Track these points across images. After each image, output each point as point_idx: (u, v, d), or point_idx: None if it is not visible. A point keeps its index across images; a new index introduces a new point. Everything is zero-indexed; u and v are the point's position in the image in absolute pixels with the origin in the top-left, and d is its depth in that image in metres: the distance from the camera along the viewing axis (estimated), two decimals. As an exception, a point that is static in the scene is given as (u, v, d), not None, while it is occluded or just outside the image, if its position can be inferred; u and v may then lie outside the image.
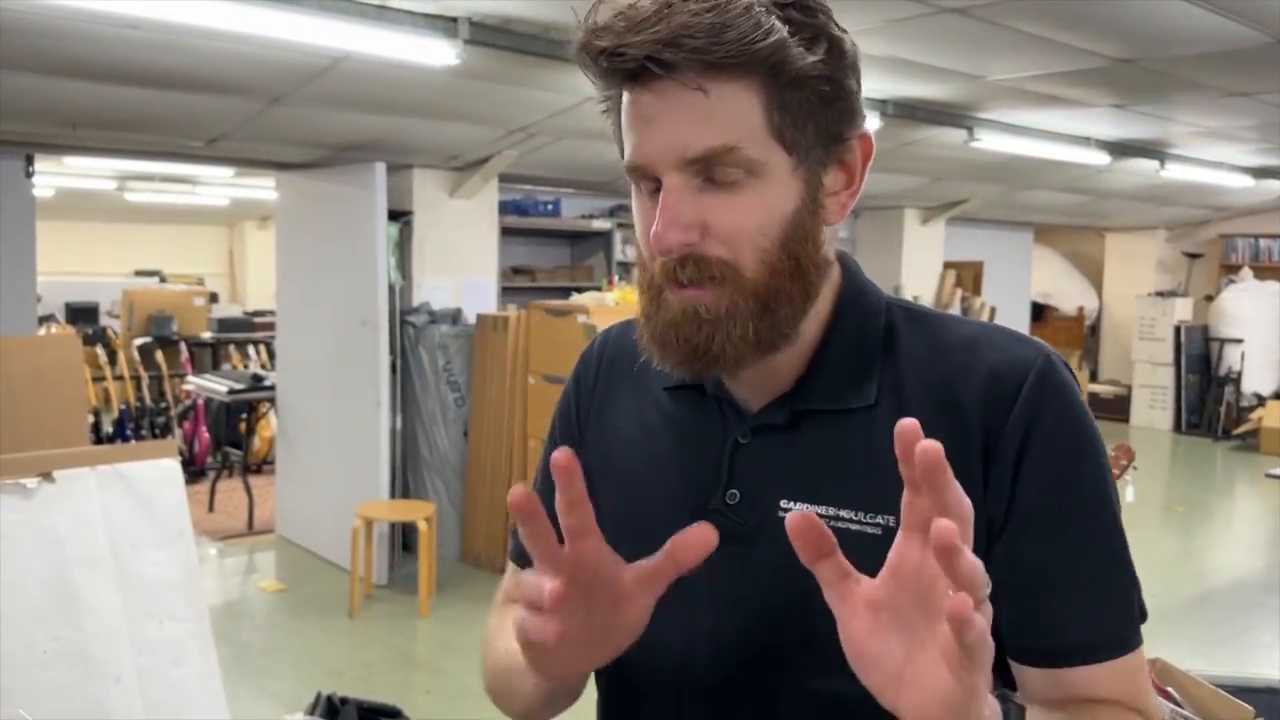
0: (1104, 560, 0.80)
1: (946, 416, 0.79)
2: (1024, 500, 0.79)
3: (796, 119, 0.75)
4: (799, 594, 0.75)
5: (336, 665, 4.28)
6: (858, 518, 0.79)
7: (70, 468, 3.07)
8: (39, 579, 2.89)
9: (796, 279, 0.78)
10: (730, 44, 0.71)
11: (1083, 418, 0.81)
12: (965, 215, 8.87)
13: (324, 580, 5.27)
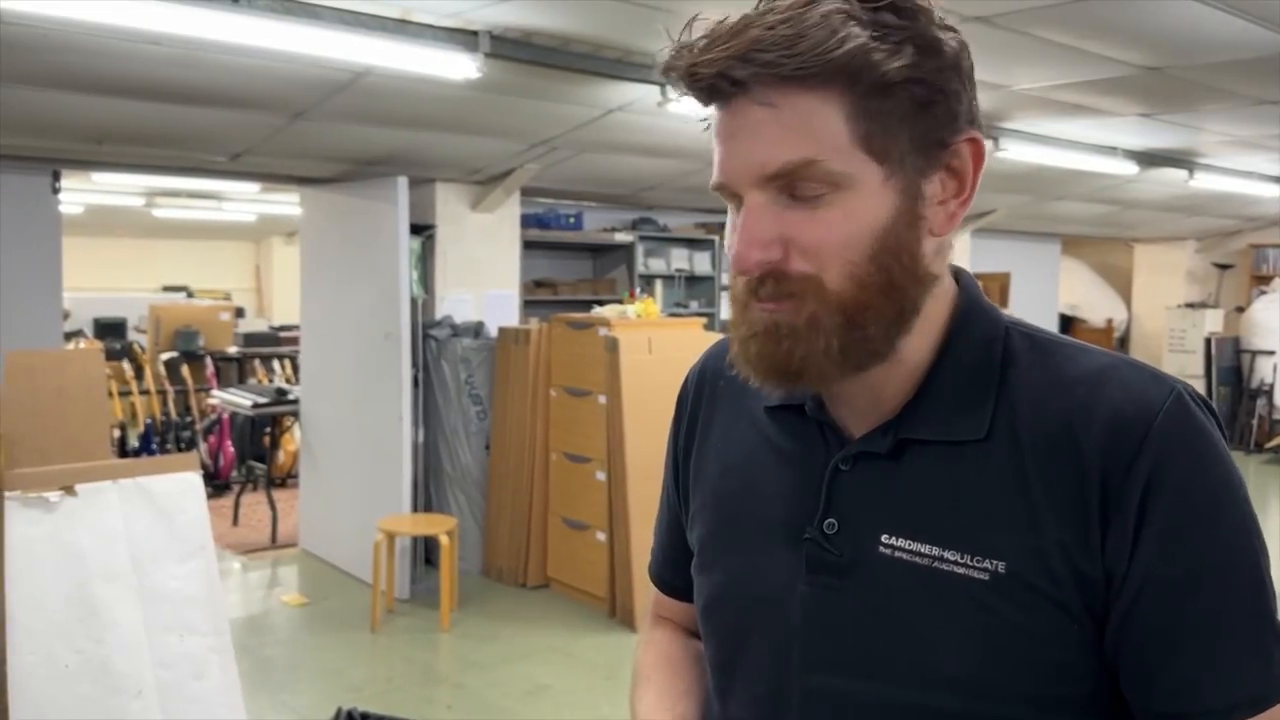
0: (1236, 619, 0.73)
1: (1063, 459, 0.74)
2: (1145, 561, 0.73)
3: (886, 127, 0.72)
4: (896, 632, 0.75)
5: (357, 680, 4.26)
6: (963, 560, 0.74)
7: (92, 481, 3.07)
8: (61, 593, 2.90)
9: (889, 294, 0.74)
10: (803, 55, 0.69)
11: (1217, 466, 0.74)
12: (992, 226, 8.80)
13: (346, 594, 5.26)
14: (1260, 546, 0.74)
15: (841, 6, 0.70)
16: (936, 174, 0.75)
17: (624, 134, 4.97)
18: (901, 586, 0.76)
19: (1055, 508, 0.73)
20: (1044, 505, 0.73)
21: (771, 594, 0.82)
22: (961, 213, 0.76)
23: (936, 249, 0.77)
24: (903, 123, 0.72)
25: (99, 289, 10.98)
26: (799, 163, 0.71)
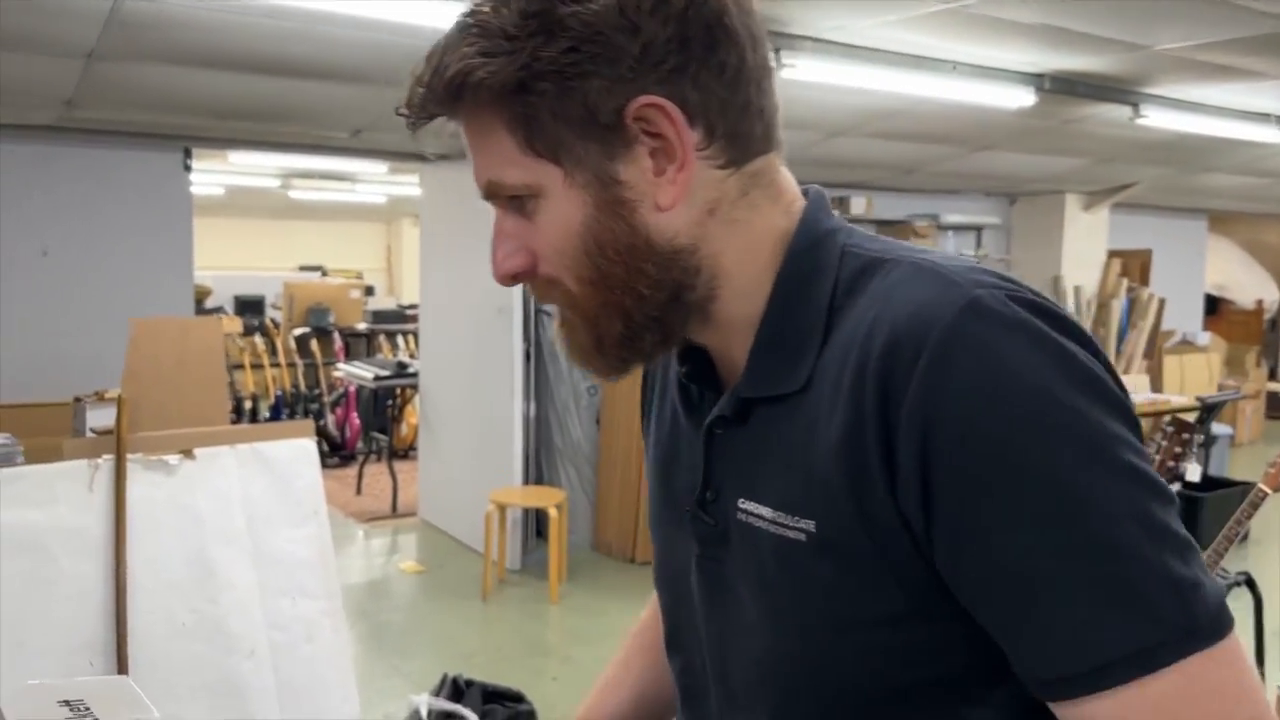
0: (1086, 561, 0.60)
1: (856, 398, 0.65)
2: (946, 510, 0.62)
3: (541, 128, 0.69)
4: (761, 603, 0.73)
5: (468, 648, 4.32)
6: (790, 521, 0.69)
7: (210, 446, 3.17)
8: (179, 554, 3.00)
9: (617, 287, 0.71)
10: (437, 90, 0.69)
11: (1018, 386, 0.60)
12: (1132, 201, 8.37)
13: (461, 563, 5.35)
14: (1107, 475, 0.60)
15: (470, 21, 0.69)
16: (630, 151, 0.69)
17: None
18: (758, 553, 0.72)
19: (851, 455, 0.65)
20: (843, 454, 0.65)
21: (682, 568, 0.81)
22: (684, 178, 0.69)
23: (700, 216, 0.71)
24: (556, 118, 0.68)
25: (239, 268, 11.45)
26: (491, 183, 0.72)
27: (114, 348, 3.26)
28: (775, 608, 0.72)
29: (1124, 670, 0.59)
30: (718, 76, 0.69)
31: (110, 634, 2.85)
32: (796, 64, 3.97)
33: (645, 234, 0.70)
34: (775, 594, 0.71)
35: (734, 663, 0.77)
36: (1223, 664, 0.59)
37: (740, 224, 0.72)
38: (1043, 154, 6.52)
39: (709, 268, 0.72)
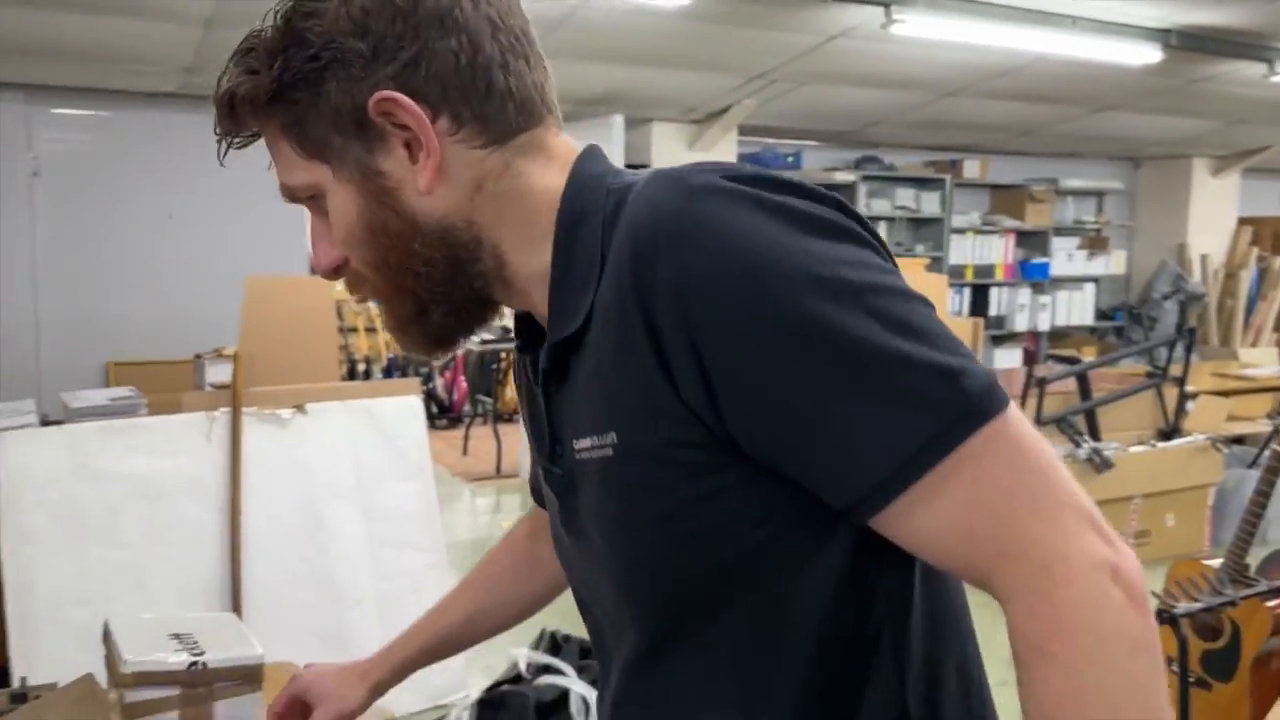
0: (852, 379, 0.63)
1: (620, 313, 0.69)
2: (722, 381, 0.66)
3: (305, 132, 0.75)
4: (599, 532, 0.76)
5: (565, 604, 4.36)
6: (600, 443, 0.74)
7: (321, 401, 3.27)
8: (291, 504, 3.11)
9: (401, 268, 0.77)
10: (221, 100, 0.76)
11: (747, 240, 0.65)
12: (1264, 165, 7.94)
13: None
14: (852, 297, 0.64)
15: (245, 45, 0.75)
16: (385, 143, 0.75)
17: (846, 63, 4.77)
18: (592, 486, 0.76)
19: (629, 364, 0.69)
20: (623, 365, 0.70)
21: (556, 527, 0.86)
22: (433, 163, 0.74)
23: (466, 193, 0.76)
24: (316, 121, 0.74)
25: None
26: (284, 187, 0.78)
27: (232, 308, 3.39)
28: (610, 530, 0.75)
29: (917, 465, 0.62)
30: (453, 67, 0.73)
31: (225, 578, 2.98)
32: (907, 19, 3.86)
33: (412, 217, 0.75)
34: (607, 515, 0.75)
35: (605, 597, 0.81)
36: (1006, 436, 0.63)
37: (510, 194, 0.77)
38: (1169, 115, 6.23)
39: (489, 238, 0.77)
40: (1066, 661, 0.60)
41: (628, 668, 0.79)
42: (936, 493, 0.62)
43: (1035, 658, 0.61)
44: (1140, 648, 0.60)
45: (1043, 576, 0.61)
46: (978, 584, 0.64)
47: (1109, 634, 0.60)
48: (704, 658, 0.73)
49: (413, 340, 0.81)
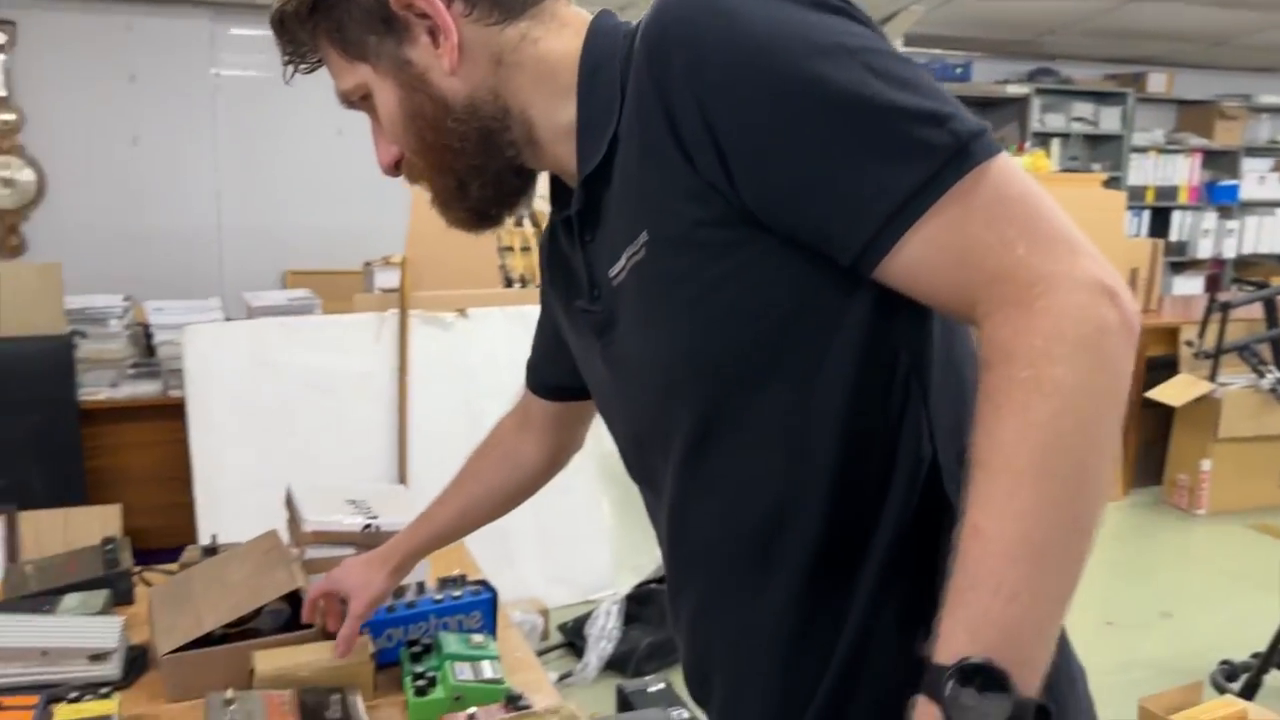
0: (850, 132, 0.67)
1: (640, 116, 0.74)
2: (734, 153, 0.70)
3: (346, 35, 0.83)
4: (643, 343, 0.80)
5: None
6: (630, 252, 0.78)
7: (482, 306, 3.37)
8: (452, 403, 3.23)
9: (445, 146, 0.83)
10: (273, 22, 0.86)
11: (744, 17, 0.69)
12: None
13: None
14: (845, 56, 0.67)
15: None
16: (411, 34, 0.81)
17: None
18: (629, 302, 0.80)
19: (654, 159, 0.74)
20: (649, 163, 0.74)
21: (599, 382, 0.91)
22: (452, 44, 0.80)
23: (488, 68, 0.82)
24: (352, 25, 0.82)
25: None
26: (339, 94, 0.87)
27: (400, 220, 3.50)
28: (651, 332, 0.79)
29: (913, 208, 0.65)
30: None
31: (393, 470, 3.13)
32: (1091, -85, 3.61)
33: (442, 98, 0.82)
34: (646, 318, 0.79)
35: (649, 416, 0.83)
36: (999, 176, 0.65)
37: (529, 61, 0.82)
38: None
39: (515, 105, 0.83)
40: (1030, 360, 0.60)
41: (678, 471, 0.82)
42: (932, 232, 0.65)
43: (998, 358, 0.62)
44: (1113, 372, 0.60)
45: (1026, 290, 0.62)
46: (966, 319, 0.67)
47: (1086, 344, 0.60)
48: (749, 435, 0.77)
49: (457, 216, 0.87)
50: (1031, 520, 0.59)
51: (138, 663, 1.23)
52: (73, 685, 1.14)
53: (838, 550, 0.75)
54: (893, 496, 0.74)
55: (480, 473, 1.24)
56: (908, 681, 0.71)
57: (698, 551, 0.83)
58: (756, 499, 0.77)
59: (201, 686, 1.14)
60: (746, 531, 0.78)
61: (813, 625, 0.77)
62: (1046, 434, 0.59)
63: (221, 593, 1.27)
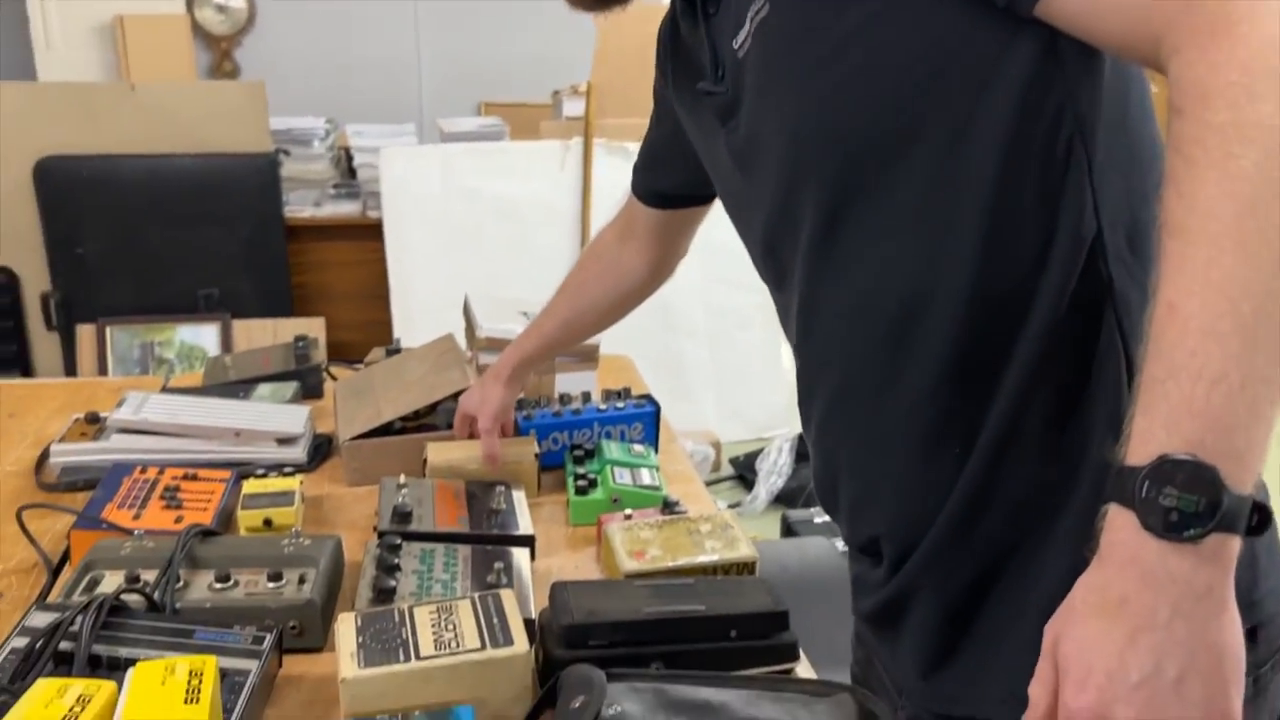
0: None
1: None
2: None
3: None
4: (777, 109, 0.73)
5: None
6: (753, 13, 0.72)
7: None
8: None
9: None
10: None
11: None
12: None
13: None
14: None
15: None
16: None
17: None
18: (753, 75, 0.74)
19: None
20: None
21: (724, 175, 0.85)
22: None
23: None
24: None
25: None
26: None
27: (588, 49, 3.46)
28: (780, 99, 0.72)
29: None
30: None
31: (574, 298, 3.19)
32: None
33: None
34: (770, 87, 0.72)
35: (778, 198, 0.76)
36: None
37: None
38: None
39: None
40: (1230, 99, 0.50)
41: (807, 260, 0.75)
42: None
43: (1191, 100, 0.52)
44: None
45: (1222, 17, 0.52)
46: (1149, 60, 0.56)
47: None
48: (885, 213, 0.70)
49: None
50: (1238, 289, 0.49)
51: (321, 450, 1.31)
52: (263, 465, 1.22)
53: (979, 342, 0.68)
54: (1046, 282, 0.66)
55: (584, 285, 1.22)
56: (1046, 490, 0.65)
57: (829, 346, 0.78)
58: (892, 285, 0.71)
59: (378, 472, 1.21)
60: (881, 321, 0.72)
61: (948, 425, 0.71)
62: (1252, 186, 0.49)
63: (400, 388, 1.33)
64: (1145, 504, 0.50)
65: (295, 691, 0.90)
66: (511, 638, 0.83)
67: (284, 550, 1.00)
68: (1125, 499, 0.51)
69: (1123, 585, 0.50)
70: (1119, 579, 0.51)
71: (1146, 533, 0.50)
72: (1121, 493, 0.51)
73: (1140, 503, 0.50)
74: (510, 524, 1.11)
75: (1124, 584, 0.50)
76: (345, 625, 0.85)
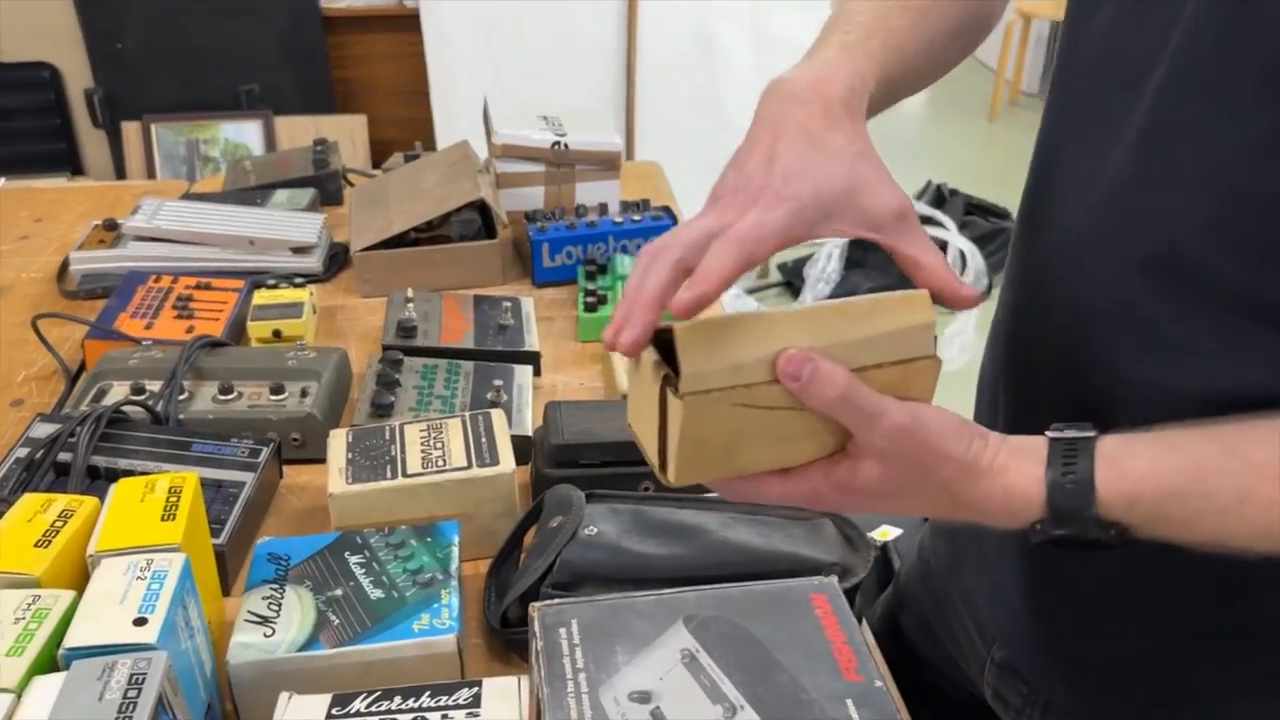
0: None
1: None
2: None
3: None
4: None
5: (962, 163, 4.19)
6: None
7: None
8: (685, 27, 3.09)
9: None
10: None
11: None
12: None
13: (974, 80, 5.06)
14: None
15: None
16: None
17: None
18: None
19: None
20: None
21: None
22: None
23: None
24: None
25: None
26: None
27: None
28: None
29: None
30: None
31: (621, 95, 3.08)
32: None
33: None
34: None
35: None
36: None
37: None
38: None
39: None
40: None
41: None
42: None
43: None
44: None
45: None
46: None
47: None
48: None
49: None
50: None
51: (338, 259, 1.31)
52: (278, 274, 1.22)
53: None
54: None
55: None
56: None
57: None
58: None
59: (391, 284, 1.20)
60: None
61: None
62: None
63: (413, 198, 1.31)
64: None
65: (297, 500, 0.92)
66: (498, 457, 0.84)
67: (288, 363, 1.01)
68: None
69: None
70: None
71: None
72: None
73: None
74: (517, 340, 1.11)
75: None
76: (336, 441, 0.86)
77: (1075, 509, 0.50)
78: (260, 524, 0.89)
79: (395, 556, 0.76)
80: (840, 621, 0.70)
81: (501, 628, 0.76)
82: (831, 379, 0.47)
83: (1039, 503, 0.51)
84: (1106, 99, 0.59)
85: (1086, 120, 0.62)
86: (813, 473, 0.52)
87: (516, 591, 0.74)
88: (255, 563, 0.76)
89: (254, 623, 0.71)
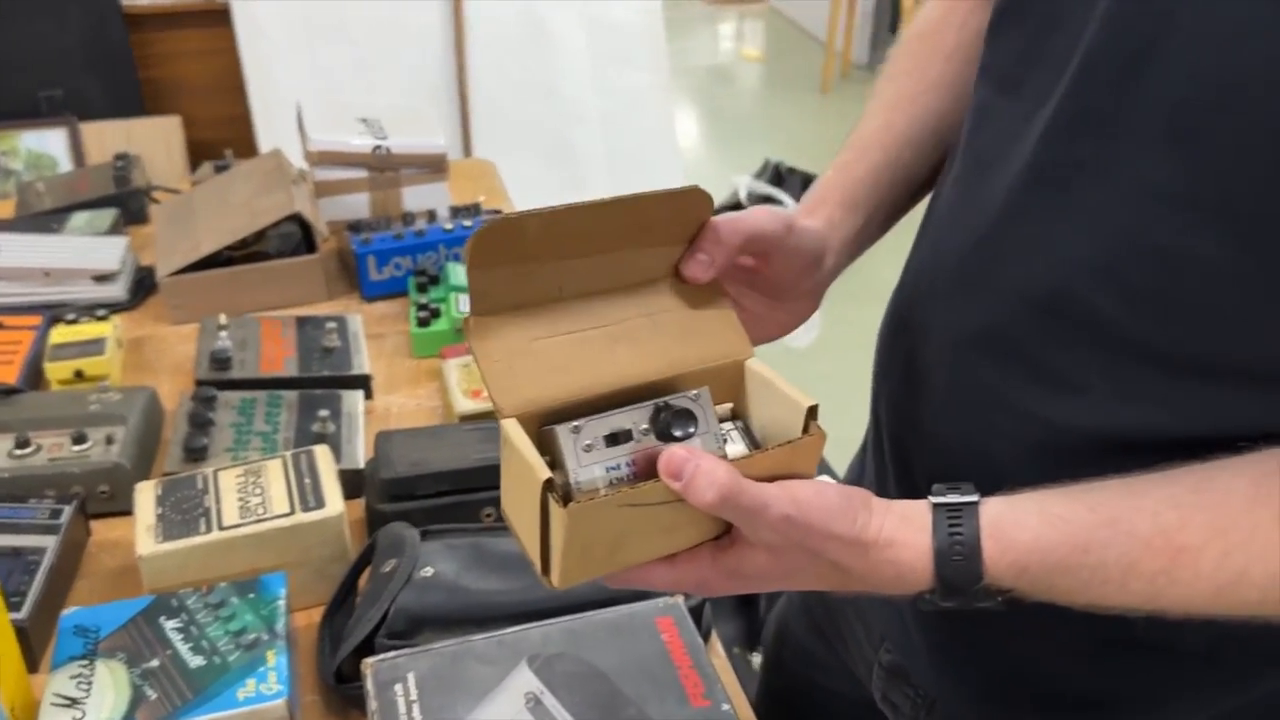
0: None
1: None
2: None
3: None
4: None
5: (799, 139, 4.25)
6: None
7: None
8: (513, 9, 3.03)
9: None
10: None
11: None
12: None
13: (805, 54, 5.15)
14: None
15: None
16: None
17: None
18: None
19: None
20: None
21: None
22: None
23: None
24: None
25: None
26: None
27: None
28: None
29: None
30: None
31: (452, 82, 3.00)
32: None
33: None
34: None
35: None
36: None
37: None
38: None
39: None
40: None
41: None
42: None
43: None
44: None
45: None
46: None
47: None
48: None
49: None
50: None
51: (145, 284, 1.22)
52: (78, 306, 1.13)
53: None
54: None
55: (924, 76, 0.71)
56: None
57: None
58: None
59: (204, 309, 1.13)
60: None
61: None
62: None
63: (223, 213, 1.23)
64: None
65: (109, 559, 0.86)
66: (323, 499, 0.79)
67: (90, 408, 0.93)
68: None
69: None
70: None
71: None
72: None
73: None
74: (344, 363, 1.05)
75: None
76: (143, 496, 0.80)
77: (964, 582, 0.50)
78: (69, 590, 0.82)
79: (215, 618, 0.71)
80: (686, 645, 0.69)
81: (338, 683, 0.71)
82: (711, 479, 0.46)
83: (928, 575, 0.50)
84: (1006, 126, 0.57)
85: (985, 140, 0.60)
86: (700, 560, 0.51)
87: (350, 645, 0.70)
88: (60, 638, 0.70)
89: (61, 705, 0.65)
